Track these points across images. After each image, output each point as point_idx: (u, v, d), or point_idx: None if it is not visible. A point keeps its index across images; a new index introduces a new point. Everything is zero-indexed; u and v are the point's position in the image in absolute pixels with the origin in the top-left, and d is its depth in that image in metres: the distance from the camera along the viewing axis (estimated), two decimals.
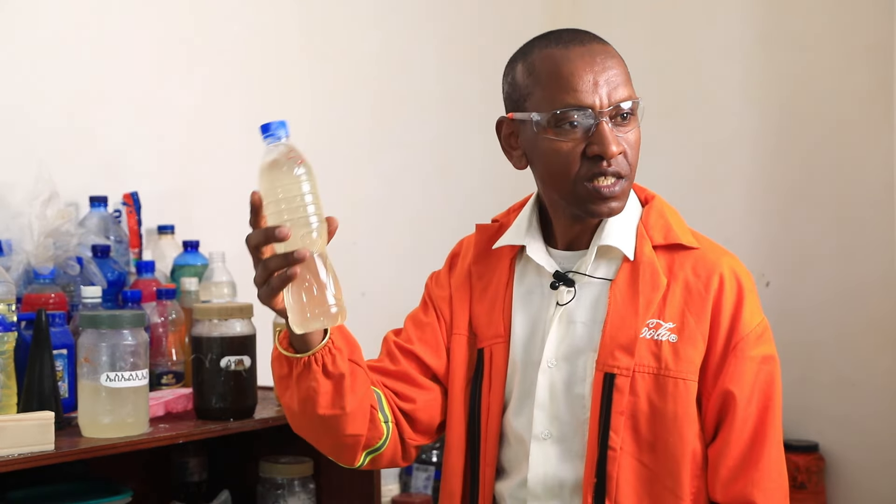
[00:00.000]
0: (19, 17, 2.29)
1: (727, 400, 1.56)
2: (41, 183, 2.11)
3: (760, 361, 1.58)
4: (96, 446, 1.78)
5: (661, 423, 1.56)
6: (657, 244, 1.61)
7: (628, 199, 1.61)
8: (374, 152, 3.06)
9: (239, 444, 2.28)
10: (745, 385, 1.56)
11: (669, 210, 1.67)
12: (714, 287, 1.58)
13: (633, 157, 1.58)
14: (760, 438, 1.57)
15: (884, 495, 3.04)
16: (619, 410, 1.56)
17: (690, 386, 1.56)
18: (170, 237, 2.39)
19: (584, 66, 1.55)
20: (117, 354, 1.82)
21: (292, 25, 2.86)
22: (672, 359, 1.56)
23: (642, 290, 1.58)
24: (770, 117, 3.25)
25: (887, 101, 2.99)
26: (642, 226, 1.63)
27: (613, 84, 1.55)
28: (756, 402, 1.57)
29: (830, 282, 3.12)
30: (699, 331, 1.57)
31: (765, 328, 1.60)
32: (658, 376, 1.56)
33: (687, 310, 1.57)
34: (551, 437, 1.61)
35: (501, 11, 3.44)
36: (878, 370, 3.05)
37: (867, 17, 3.07)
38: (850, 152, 3.11)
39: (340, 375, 1.50)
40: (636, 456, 1.56)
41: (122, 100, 2.46)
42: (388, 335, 1.73)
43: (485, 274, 1.70)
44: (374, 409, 1.59)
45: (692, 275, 1.59)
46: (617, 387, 1.56)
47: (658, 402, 1.56)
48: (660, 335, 1.57)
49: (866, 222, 3.07)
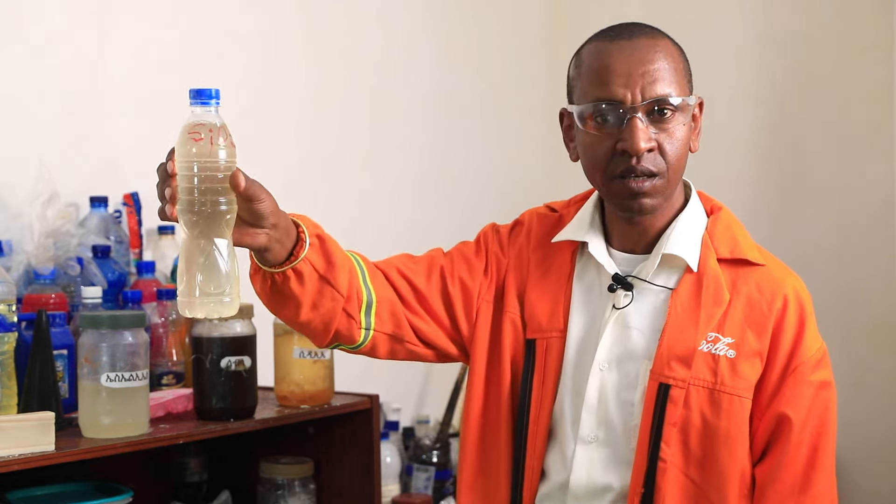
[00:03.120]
0: (19, 16, 2.29)
1: (782, 423, 1.54)
2: (41, 183, 2.11)
3: (818, 387, 1.56)
4: (96, 446, 1.77)
5: (713, 439, 1.54)
6: (722, 257, 1.59)
7: (668, 198, 1.58)
8: (374, 152, 3.06)
9: (239, 444, 2.28)
10: (802, 409, 1.54)
11: (736, 223, 1.66)
12: (778, 307, 1.56)
13: (672, 154, 1.54)
14: (813, 465, 1.54)
15: (884, 495, 3.04)
16: (671, 422, 1.53)
17: (745, 404, 1.54)
18: (170, 237, 2.39)
19: (622, 60, 1.53)
20: (117, 355, 1.82)
21: (292, 25, 2.85)
22: (729, 374, 1.54)
23: (704, 302, 1.56)
24: (769, 117, 3.25)
25: (887, 101, 2.99)
26: (708, 237, 1.61)
27: (651, 79, 1.53)
28: (811, 428, 1.55)
29: (830, 282, 3.12)
30: (758, 349, 1.55)
31: (824, 353, 1.59)
32: (713, 391, 1.54)
33: (748, 327, 1.55)
34: (598, 440, 1.59)
35: (501, 11, 3.44)
36: (878, 370, 3.05)
37: (867, 17, 3.07)
38: (850, 152, 3.11)
39: (297, 299, 1.48)
40: (684, 470, 1.54)
41: (122, 100, 2.46)
42: (437, 252, 1.71)
43: (544, 262, 1.67)
44: (351, 317, 1.55)
45: (756, 292, 1.57)
46: (671, 398, 1.53)
47: (711, 417, 1.54)
48: (718, 350, 1.55)
49: (866, 222, 3.07)
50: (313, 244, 1.48)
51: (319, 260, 1.49)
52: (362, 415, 2.18)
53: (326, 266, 1.50)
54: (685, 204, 1.65)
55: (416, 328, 1.65)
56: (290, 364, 2.13)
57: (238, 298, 1.37)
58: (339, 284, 1.52)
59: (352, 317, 1.56)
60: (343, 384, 2.28)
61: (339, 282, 1.52)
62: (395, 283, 1.63)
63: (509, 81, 3.43)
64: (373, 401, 2.19)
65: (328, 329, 1.55)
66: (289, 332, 2.12)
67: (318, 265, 1.49)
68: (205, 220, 1.31)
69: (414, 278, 1.66)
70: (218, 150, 1.31)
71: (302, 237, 1.47)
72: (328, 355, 2.15)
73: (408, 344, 1.65)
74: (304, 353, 2.12)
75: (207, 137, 1.30)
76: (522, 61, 3.49)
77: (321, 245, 1.50)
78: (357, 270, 1.57)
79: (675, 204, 1.63)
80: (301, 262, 1.46)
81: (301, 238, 1.47)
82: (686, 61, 1.60)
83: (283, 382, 2.14)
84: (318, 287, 1.50)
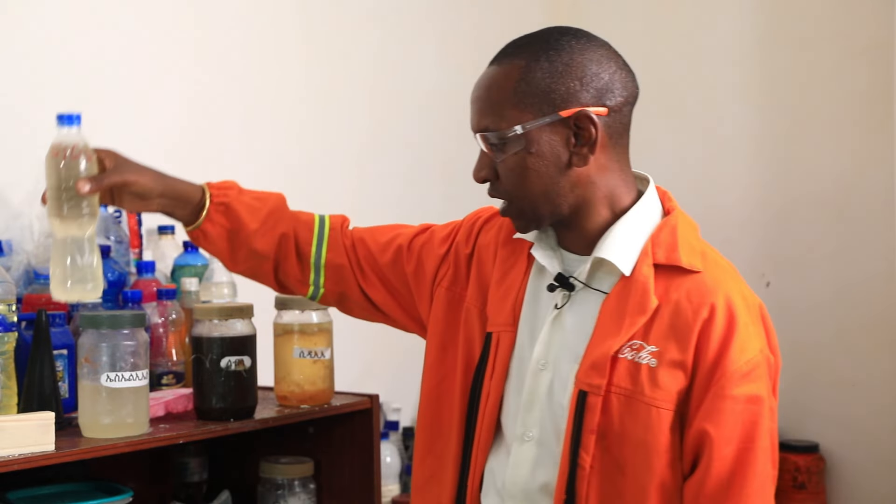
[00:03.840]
0: (19, 17, 2.29)
1: (703, 438, 1.47)
2: (41, 183, 2.11)
3: (745, 401, 1.47)
4: (96, 446, 1.77)
5: (632, 448, 1.49)
6: (658, 262, 1.53)
7: (543, 218, 1.56)
8: (374, 152, 3.06)
9: (239, 444, 2.28)
10: (724, 425, 1.47)
11: (684, 226, 1.58)
12: (703, 316, 1.49)
13: (507, 183, 1.55)
14: (738, 484, 1.47)
15: (884, 495, 3.04)
16: (590, 429, 1.50)
17: (663, 415, 1.48)
18: (170, 237, 2.39)
19: (472, 91, 1.59)
20: (117, 355, 1.82)
21: (292, 25, 2.85)
22: (648, 384, 1.48)
23: (629, 309, 1.51)
24: (770, 117, 3.25)
25: (887, 101, 2.99)
26: (651, 241, 1.55)
27: (475, 111, 1.58)
28: (735, 445, 1.47)
29: (830, 282, 3.12)
30: (681, 360, 1.49)
31: (755, 366, 1.49)
32: (632, 399, 1.49)
33: (672, 336, 1.49)
34: (533, 440, 1.57)
35: (501, 11, 3.44)
36: (877, 370, 3.05)
37: (867, 17, 3.07)
38: (850, 152, 3.11)
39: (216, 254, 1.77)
40: (609, 477, 1.50)
41: (122, 99, 2.46)
42: (410, 230, 1.80)
43: (510, 257, 1.66)
44: (292, 274, 1.78)
45: (685, 300, 1.51)
46: (589, 405, 1.50)
47: (629, 425, 1.49)
48: (640, 358, 1.49)
49: (866, 222, 3.07)
50: (215, 210, 1.72)
51: (223, 224, 1.73)
52: (362, 415, 2.18)
53: (231, 231, 1.73)
54: (634, 204, 1.59)
55: (368, 294, 1.79)
56: (290, 364, 2.13)
57: (100, 285, 1.65)
58: (254, 246, 1.75)
59: (294, 274, 1.78)
60: (343, 384, 2.28)
61: (253, 244, 1.74)
62: (351, 251, 1.79)
63: None
64: (373, 401, 2.19)
65: (260, 280, 1.82)
66: (289, 331, 2.12)
67: (222, 229, 1.73)
68: (69, 222, 1.61)
69: (374, 250, 1.79)
70: (78, 163, 1.61)
71: (203, 203, 1.72)
72: (328, 355, 2.15)
73: (355, 306, 1.82)
74: (304, 353, 2.12)
75: (70, 153, 1.61)
76: None
77: (226, 211, 1.73)
78: (313, 235, 1.78)
79: (618, 205, 1.57)
80: (204, 225, 1.72)
81: (203, 204, 1.72)
82: (529, 84, 1.52)
83: (283, 382, 2.14)
84: (228, 247, 1.75)
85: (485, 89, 1.56)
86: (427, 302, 1.74)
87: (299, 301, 2.10)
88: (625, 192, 1.58)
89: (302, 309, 2.11)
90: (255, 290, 2.24)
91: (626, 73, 1.56)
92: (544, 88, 1.52)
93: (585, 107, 1.51)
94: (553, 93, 1.52)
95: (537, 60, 1.53)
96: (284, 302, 2.13)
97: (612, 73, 1.54)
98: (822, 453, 3.11)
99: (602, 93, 1.52)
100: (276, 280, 1.81)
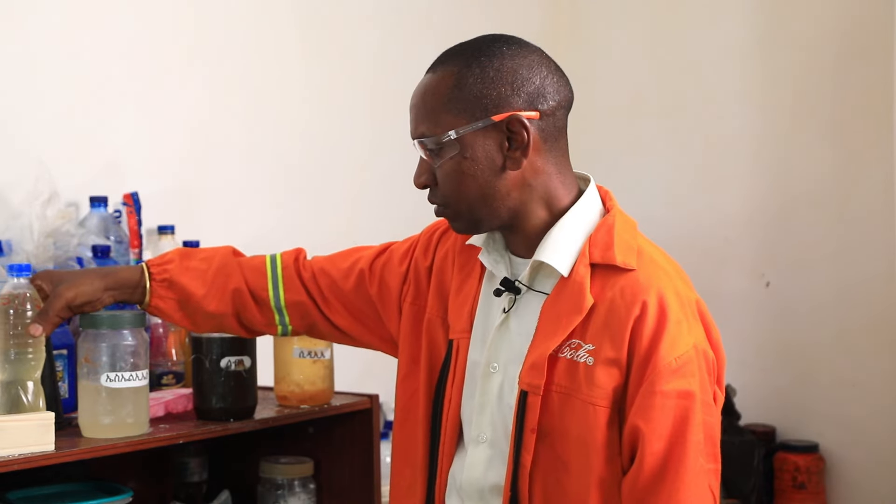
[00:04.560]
0: (19, 16, 2.29)
1: (635, 434, 1.49)
2: (41, 183, 2.11)
3: (676, 396, 1.48)
4: (96, 446, 1.77)
5: (572, 445, 1.52)
6: (595, 262, 1.55)
7: (480, 221, 1.58)
8: (374, 152, 3.06)
9: (239, 444, 2.28)
10: (654, 421, 1.48)
11: (621, 224, 1.59)
12: (635, 314, 1.50)
13: (445, 187, 1.58)
14: (670, 479, 1.47)
15: (884, 495, 3.04)
16: (530, 428, 1.53)
17: (600, 412, 1.49)
18: (170, 237, 2.39)
19: (410, 98, 1.64)
20: (117, 355, 1.82)
21: (291, 25, 2.85)
22: (585, 382, 1.51)
23: (566, 309, 1.54)
24: (770, 117, 3.25)
25: (887, 101, 2.99)
26: (588, 241, 1.57)
27: (412, 118, 1.63)
28: (665, 441, 1.48)
29: (830, 282, 3.12)
30: (615, 357, 1.50)
31: (685, 361, 1.49)
32: (569, 397, 1.52)
33: (607, 334, 1.51)
34: (486, 441, 1.60)
35: (501, 11, 3.44)
36: (877, 370, 3.05)
37: (867, 17, 3.07)
38: (850, 152, 3.11)
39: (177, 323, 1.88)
40: (553, 474, 1.53)
41: (122, 100, 2.46)
42: (369, 252, 1.83)
43: (467, 264, 1.69)
44: (257, 320, 1.84)
45: (619, 298, 1.52)
46: (529, 404, 1.53)
47: (569, 423, 1.52)
48: (578, 357, 1.52)
49: (866, 222, 3.07)
50: (159, 286, 1.83)
51: (171, 297, 1.83)
52: (362, 415, 2.18)
53: (181, 301, 1.83)
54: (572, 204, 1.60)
55: (334, 322, 1.83)
56: (290, 364, 2.13)
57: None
58: (208, 309, 1.83)
59: (258, 320, 1.85)
60: (343, 384, 2.28)
61: (207, 307, 1.83)
62: (311, 283, 1.84)
63: None
64: (373, 401, 2.19)
65: (230, 332, 1.91)
66: None
67: (172, 301, 1.83)
68: (15, 366, 1.74)
69: (337, 277, 1.83)
70: (26, 311, 1.73)
71: (145, 283, 1.83)
72: (328, 355, 2.15)
73: (325, 333, 1.87)
74: (303, 352, 2.12)
75: (18, 303, 1.74)
76: None
77: (170, 285, 1.83)
78: (267, 280, 1.84)
79: (557, 206, 1.59)
80: (153, 302, 1.83)
81: (145, 284, 1.83)
82: (461, 90, 1.56)
83: (283, 382, 2.14)
84: (184, 315, 1.85)
85: (420, 96, 1.62)
86: (396, 320, 1.77)
87: None
88: (563, 193, 1.60)
89: None
90: None
91: (558, 78, 1.59)
92: (476, 94, 1.56)
93: (517, 111, 1.55)
94: (485, 98, 1.55)
95: (469, 67, 1.57)
96: None
97: (543, 77, 1.57)
98: (822, 453, 3.11)
99: (534, 97, 1.56)
100: (243, 329, 1.88)
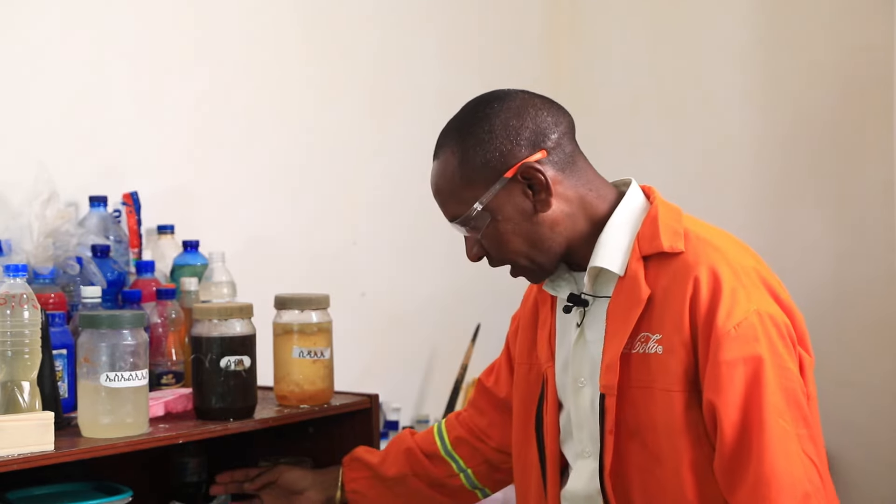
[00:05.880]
0: (19, 16, 2.29)
1: (712, 411, 1.51)
2: (41, 183, 2.11)
3: (743, 363, 1.49)
4: (96, 446, 1.77)
5: (659, 437, 1.55)
6: (645, 253, 1.59)
7: (543, 266, 1.65)
8: (374, 152, 3.06)
9: (239, 444, 2.28)
10: (725, 392, 1.49)
11: (665, 212, 1.62)
12: (689, 292, 1.53)
13: (495, 251, 1.64)
14: (754, 447, 1.48)
15: (884, 495, 3.04)
16: (608, 430, 1.57)
17: (675, 397, 1.52)
18: (170, 237, 2.39)
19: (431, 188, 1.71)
20: (117, 354, 1.82)
21: (292, 25, 2.85)
22: (660, 371, 1.54)
23: (626, 305, 1.57)
24: (770, 117, 3.25)
25: (887, 101, 2.99)
26: (637, 237, 1.61)
27: (439, 205, 1.68)
28: (739, 410, 1.49)
29: (830, 282, 3.12)
30: (680, 339, 1.53)
31: (748, 328, 1.50)
32: (650, 390, 1.55)
33: (669, 319, 1.54)
34: (590, 455, 1.64)
35: (501, 11, 3.44)
36: (877, 371, 3.05)
37: (867, 17, 3.06)
38: (850, 152, 3.11)
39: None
40: (649, 469, 1.56)
41: (123, 100, 2.46)
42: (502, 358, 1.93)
43: (543, 302, 1.76)
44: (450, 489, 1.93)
45: (672, 282, 1.56)
46: (606, 407, 1.57)
47: (654, 415, 1.55)
48: (649, 349, 1.56)
49: (866, 222, 3.07)
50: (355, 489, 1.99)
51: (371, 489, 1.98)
52: (362, 414, 2.18)
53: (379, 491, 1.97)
54: (614, 209, 1.65)
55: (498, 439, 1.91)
56: (290, 364, 2.12)
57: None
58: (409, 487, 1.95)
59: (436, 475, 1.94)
60: (343, 384, 2.27)
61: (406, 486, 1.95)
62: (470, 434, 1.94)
63: (509, 81, 3.42)
64: (372, 400, 2.19)
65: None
66: (288, 331, 2.12)
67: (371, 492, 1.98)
68: (11, 366, 1.71)
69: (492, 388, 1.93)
70: (22, 311, 1.73)
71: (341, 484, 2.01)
72: (328, 355, 2.15)
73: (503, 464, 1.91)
74: (303, 352, 2.12)
75: (16, 304, 1.73)
76: (522, 61, 3.49)
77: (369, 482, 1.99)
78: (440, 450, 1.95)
79: (597, 217, 1.64)
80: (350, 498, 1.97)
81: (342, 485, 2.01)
82: (468, 164, 1.62)
83: (283, 382, 2.14)
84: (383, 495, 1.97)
85: (436, 185, 1.68)
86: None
87: (299, 301, 2.10)
88: (600, 203, 1.65)
89: (301, 309, 2.11)
90: (255, 290, 2.25)
91: (548, 110, 1.63)
92: (482, 161, 1.61)
93: (524, 160, 1.59)
94: (491, 161, 1.60)
95: (465, 141, 1.62)
96: (284, 302, 2.13)
97: (533, 118, 1.61)
98: None
99: (533, 139, 1.61)
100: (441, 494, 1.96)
